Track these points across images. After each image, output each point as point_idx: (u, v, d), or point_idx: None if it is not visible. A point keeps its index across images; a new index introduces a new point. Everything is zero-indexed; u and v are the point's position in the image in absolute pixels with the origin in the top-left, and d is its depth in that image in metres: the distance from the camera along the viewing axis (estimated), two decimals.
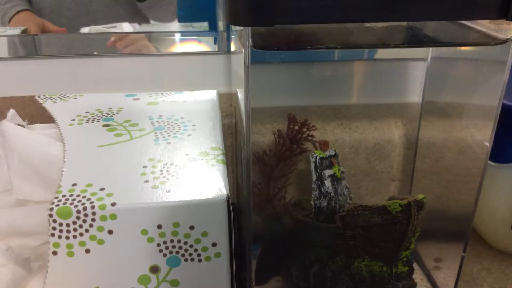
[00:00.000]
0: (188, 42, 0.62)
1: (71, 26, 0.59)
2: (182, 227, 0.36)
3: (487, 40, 0.39)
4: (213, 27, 0.61)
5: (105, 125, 0.46)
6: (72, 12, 0.58)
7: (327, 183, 0.47)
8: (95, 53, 0.57)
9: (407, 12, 0.34)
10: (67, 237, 0.36)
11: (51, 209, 0.35)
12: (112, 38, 0.57)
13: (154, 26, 0.62)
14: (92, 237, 0.36)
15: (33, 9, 0.59)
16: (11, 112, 0.49)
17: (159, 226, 0.36)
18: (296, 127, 0.49)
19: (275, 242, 0.51)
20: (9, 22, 0.58)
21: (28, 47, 0.60)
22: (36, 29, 0.58)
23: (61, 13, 0.58)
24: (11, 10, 0.58)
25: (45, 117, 0.49)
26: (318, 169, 0.47)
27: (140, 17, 0.60)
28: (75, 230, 0.35)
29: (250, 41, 0.35)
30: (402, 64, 0.57)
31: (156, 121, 0.48)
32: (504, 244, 0.57)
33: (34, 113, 0.54)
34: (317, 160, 0.47)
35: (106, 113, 0.49)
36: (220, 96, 0.56)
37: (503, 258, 0.58)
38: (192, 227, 0.36)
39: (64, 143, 0.43)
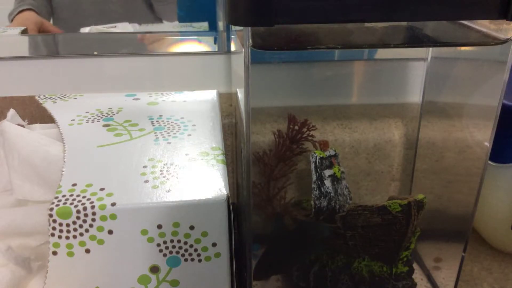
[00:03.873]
0: (188, 42, 0.62)
1: (88, 26, 0.60)
2: (182, 227, 0.36)
3: (487, 40, 0.39)
4: (213, 27, 0.61)
5: (105, 125, 0.46)
6: (89, 12, 0.59)
7: (327, 183, 0.47)
8: (95, 53, 0.57)
9: (407, 12, 0.34)
10: (67, 237, 0.36)
11: (51, 209, 0.35)
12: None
13: (154, 26, 0.62)
14: (92, 237, 0.36)
15: (51, 7, 0.59)
16: (11, 112, 0.49)
17: (159, 226, 0.36)
18: (296, 127, 0.49)
19: (275, 242, 0.51)
20: (12, 20, 0.59)
21: (30, 47, 0.60)
22: (34, 28, 0.58)
23: (79, 12, 0.59)
24: (16, 9, 0.59)
25: (45, 117, 0.50)
26: (318, 169, 0.47)
27: (155, 18, 0.61)
28: (75, 230, 0.35)
29: (250, 41, 0.35)
30: (402, 64, 0.57)
31: (156, 121, 0.48)
32: (504, 244, 0.57)
33: (34, 113, 0.54)
34: (317, 160, 0.47)
35: (106, 113, 0.49)
36: (220, 96, 0.56)
37: (503, 258, 0.58)
38: (192, 227, 0.36)
39: (64, 143, 0.43)
